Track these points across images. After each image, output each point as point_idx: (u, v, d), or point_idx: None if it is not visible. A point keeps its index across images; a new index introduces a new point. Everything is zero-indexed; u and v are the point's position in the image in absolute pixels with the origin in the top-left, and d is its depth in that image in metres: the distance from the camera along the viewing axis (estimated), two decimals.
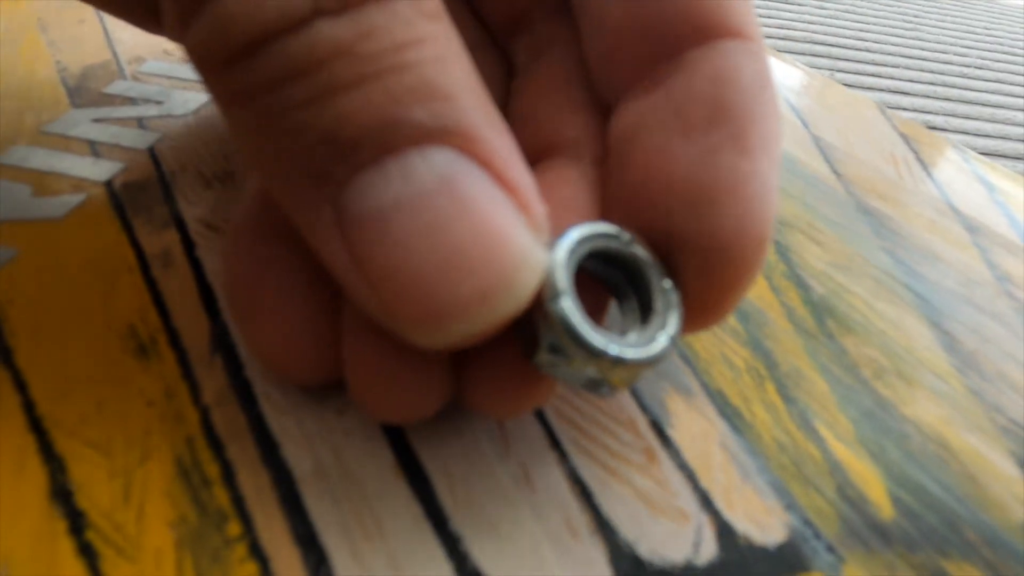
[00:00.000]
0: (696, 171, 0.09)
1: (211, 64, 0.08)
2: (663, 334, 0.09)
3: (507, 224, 0.08)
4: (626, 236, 0.09)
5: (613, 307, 0.10)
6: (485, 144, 0.08)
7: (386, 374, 0.09)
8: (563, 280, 0.08)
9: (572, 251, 0.08)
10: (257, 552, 0.09)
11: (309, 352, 0.09)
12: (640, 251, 0.09)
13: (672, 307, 0.09)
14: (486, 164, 0.08)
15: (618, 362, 0.08)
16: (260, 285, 0.09)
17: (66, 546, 0.08)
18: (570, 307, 0.08)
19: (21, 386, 0.10)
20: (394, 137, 0.07)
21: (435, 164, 0.07)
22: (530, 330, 0.08)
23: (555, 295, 0.08)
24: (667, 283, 0.09)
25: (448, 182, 0.07)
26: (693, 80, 0.09)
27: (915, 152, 0.19)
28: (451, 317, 0.07)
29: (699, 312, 0.09)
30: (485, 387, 0.09)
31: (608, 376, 0.08)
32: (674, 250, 0.09)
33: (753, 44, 0.10)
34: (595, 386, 0.09)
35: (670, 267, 0.09)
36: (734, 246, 0.09)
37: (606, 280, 0.09)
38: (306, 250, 0.09)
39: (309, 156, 0.08)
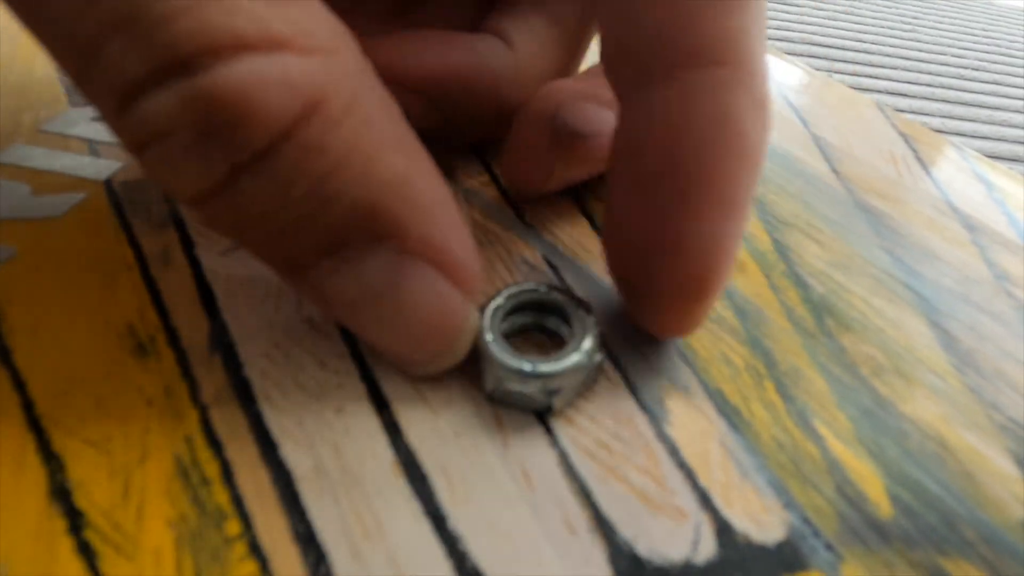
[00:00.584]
0: (645, 228, 0.10)
1: (185, 203, 0.09)
2: (576, 352, 0.10)
3: (445, 305, 0.09)
4: (543, 288, 0.11)
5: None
6: (420, 234, 0.09)
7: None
8: (489, 326, 0.11)
9: (498, 307, 0.11)
10: (256, 551, 0.09)
11: None
12: (558, 296, 0.11)
13: (588, 329, 0.11)
14: (422, 254, 0.09)
15: (535, 375, 0.10)
16: None
17: (65, 545, 0.08)
18: (492, 341, 0.10)
19: (20, 385, 0.10)
20: (342, 251, 0.09)
21: (380, 268, 0.09)
22: (479, 371, 0.11)
23: (483, 334, 0.10)
24: (582, 313, 0.11)
25: (392, 284, 0.09)
26: (652, 122, 0.10)
27: (914, 151, 0.19)
28: (416, 369, 0.10)
29: (659, 332, 0.11)
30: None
31: (542, 389, 0.10)
32: (635, 285, 0.11)
33: (734, 72, 0.09)
34: (538, 403, 0.10)
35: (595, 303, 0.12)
36: (677, 296, 0.10)
37: (545, 327, 0.12)
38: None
39: (286, 264, 0.09)
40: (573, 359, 0.10)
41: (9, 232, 0.13)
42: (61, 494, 0.09)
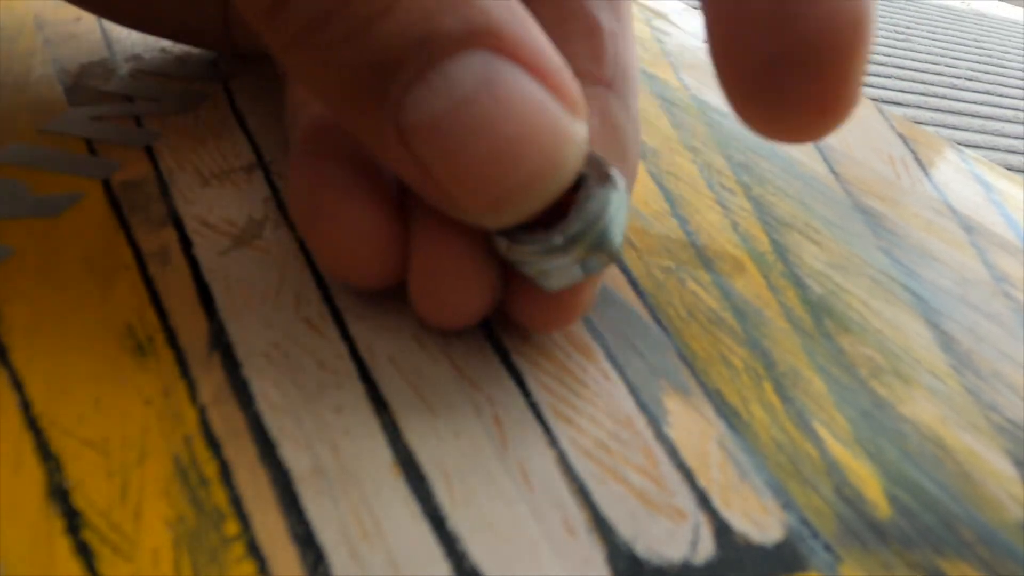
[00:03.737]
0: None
1: (256, 18, 0.09)
2: (599, 189, 0.09)
3: (546, 110, 0.08)
4: None
5: None
6: (513, 38, 0.08)
7: (446, 270, 0.10)
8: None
9: None
10: (255, 551, 0.09)
11: (373, 250, 0.10)
12: None
13: (607, 179, 0.09)
14: (516, 57, 0.08)
15: (573, 239, 0.09)
16: (321, 195, 0.10)
17: (62, 545, 0.08)
18: (504, 240, 0.09)
19: (18, 385, 0.10)
20: (432, 51, 0.08)
21: (472, 69, 0.08)
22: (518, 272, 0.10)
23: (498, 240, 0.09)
24: (606, 168, 0.09)
25: (486, 83, 0.08)
26: None
27: (913, 152, 0.19)
28: (510, 201, 0.08)
29: (801, 133, 0.10)
30: (530, 296, 0.10)
31: (596, 255, 0.09)
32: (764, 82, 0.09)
33: None
34: (593, 268, 0.09)
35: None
36: (832, 44, 0.09)
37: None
38: (363, 162, 0.10)
39: (362, 84, 0.08)
40: (597, 198, 0.09)
41: (7, 231, 0.13)
42: (59, 494, 0.09)
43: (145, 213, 0.13)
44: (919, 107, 0.28)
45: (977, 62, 0.35)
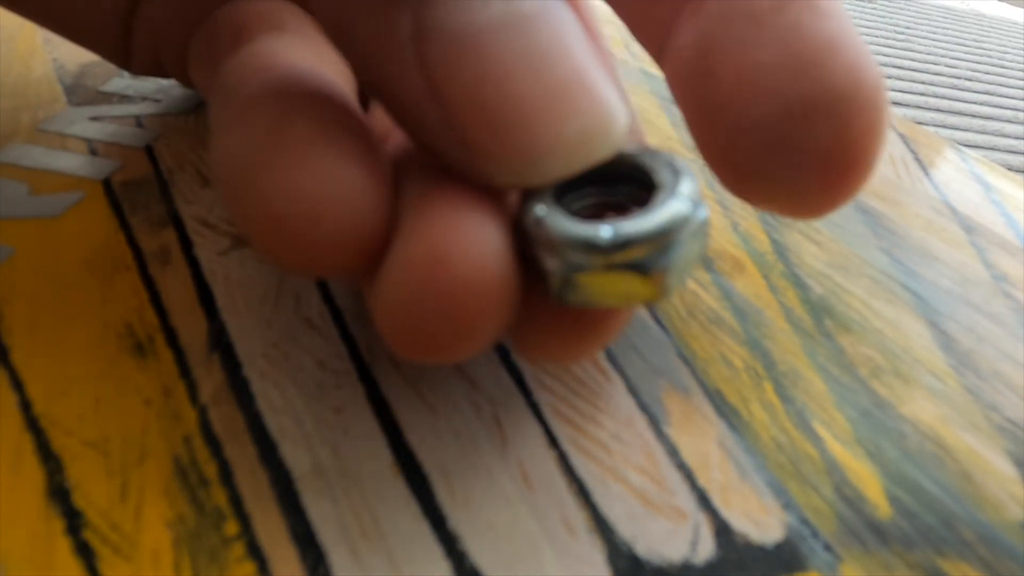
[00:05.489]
0: (790, 41, 0.08)
1: None
2: (673, 199, 0.07)
3: (600, 67, 0.07)
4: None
5: None
6: None
7: (456, 253, 0.07)
8: (538, 196, 0.07)
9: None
10: (255, 551, 0.09)
11: (354, 206, 0.07)
12: (631, 158, 0.08)
13: (682, 173, 0.07)
14: (574, 5, 0.07)
15: (621, 245, 0.07)
16: (284, 130, 0.07)
17: (63, 545, 0.08)
18: (543, 208, 0.07)
19: (18, 385, 0.10)
20: None
21: None
22: (537, 266, 0.08)
23: (532, 210, 0.07)
24: (673, 159, 0.08)
25: (548, 11, 0.07)
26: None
27: (913, 152, 0.19)
28: (550, 155, 0.07)
29: (839, 174, 0.08)
30: (551, 324, 0.08)
31: (634, 263, 0.07)
32: (791, 131, 0.08)
33: None
34: (630, 295, 0.07)
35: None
36: (858, 93, 0.08)
37: (612, 205, 0.08)
38: (340, 103, 0.08)
39: None
40: (672, 208, 0.07)
41: (7, 232, 0.13)
42: (59, 494, 0.09)
43: (145, 213, 0.13)
44: (919, 107, 0.28)
45: (977, 62, 0.35)
